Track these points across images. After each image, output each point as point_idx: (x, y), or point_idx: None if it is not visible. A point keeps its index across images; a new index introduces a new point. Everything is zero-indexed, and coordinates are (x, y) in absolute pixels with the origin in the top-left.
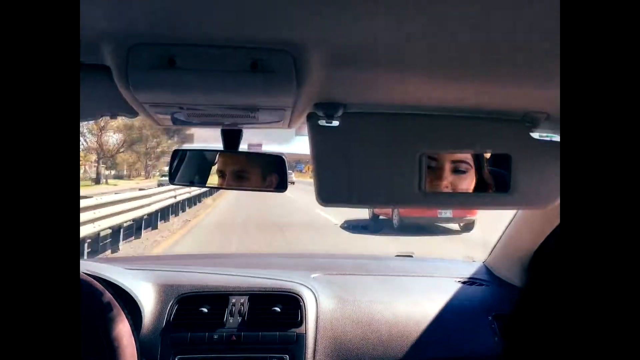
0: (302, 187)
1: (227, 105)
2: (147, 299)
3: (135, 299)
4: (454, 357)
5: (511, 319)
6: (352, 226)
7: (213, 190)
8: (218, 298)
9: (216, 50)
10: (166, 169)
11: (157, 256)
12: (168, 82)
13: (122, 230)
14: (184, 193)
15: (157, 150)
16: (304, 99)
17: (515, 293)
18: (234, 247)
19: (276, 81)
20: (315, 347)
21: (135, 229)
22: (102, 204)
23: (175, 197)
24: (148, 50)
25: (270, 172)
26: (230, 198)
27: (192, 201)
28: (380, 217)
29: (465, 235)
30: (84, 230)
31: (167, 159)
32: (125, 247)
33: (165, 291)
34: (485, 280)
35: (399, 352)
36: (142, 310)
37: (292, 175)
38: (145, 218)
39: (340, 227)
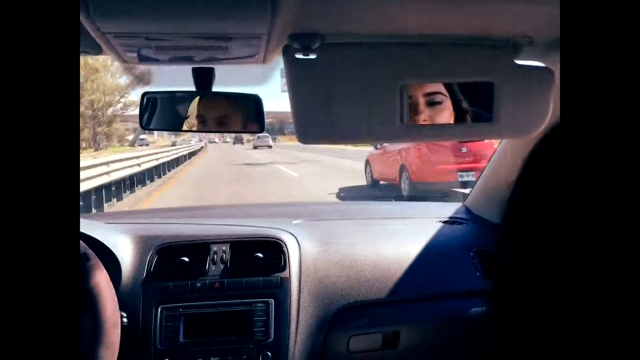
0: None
1: (197, 34)
2: (126, 251)
3: (113, 250)
4: (438, 294)
5: (492, 253)
6: (351, 197)
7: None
8: (198, 247)
9: None
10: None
11: (135, 211)
12: (132, 8)
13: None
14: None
15: (108, 111)
16: (278, 28)
17: (494, 230)
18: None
19: (249, 6)
20: (299, 290)
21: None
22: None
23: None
24: None
25: (247, 113)
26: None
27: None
28: (382, 182)
29: None
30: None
31: (122, 125)
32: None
33: (144, 243)
34: (465, 219)
35: (383, 291)
36: (120, 262)
37: (269, 140)
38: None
39: (337, 197)
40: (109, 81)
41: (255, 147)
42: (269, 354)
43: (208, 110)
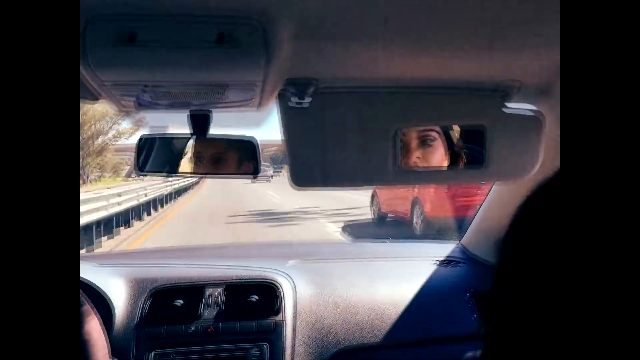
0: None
1: (194, 82)
2: (119, 294)
3: (104, 295)
4: (433, 338)
5: (488, 296)
6: (356, 235)
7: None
8: (192, 290)
9: (179, 23)
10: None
11: (129, 252)
12: (130, 59)
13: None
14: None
15: (98, 140)
16: (273, 75)
17: (490, 271)
18: None
19: (244, 54)
20: (294, 334)
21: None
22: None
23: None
24: (106, 23)
25: (243, 156)
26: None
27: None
28: (389, 216)
29: None
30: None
31: (117, 155)
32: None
33: (138, 286)
34: (461, 259)
35: (378, 334)
36: (113, 306)
37: (269, 170)
38: None
39: (341, 235)
40: (98, 107)
41: (253, 181)
42: None
43: (204, 154)
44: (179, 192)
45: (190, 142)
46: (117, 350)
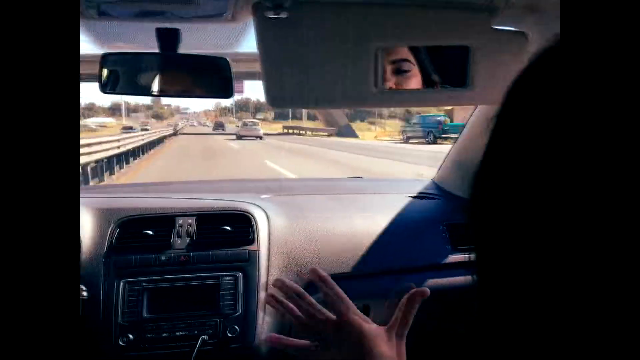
0: None
1: None
2: (85, 223)
3: None
4: (408, 267)
5: (461, 227)
6: None
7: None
8: (163, 220)
9: None
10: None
11: (94, 186)
12: None
13: None
14: None
15: None
16: None
17: (464, 204)
18: None
19: None
20: (268, 264)
21: None
22: None
23: None
24: None
25: (214, 77)
26: None
27: None
28: None
29: None
30: None
31: None
32: None
33: (105, 216)
34: (435, 194)
35: (353, 264)
36: (79, 236)
37: (259, 128)
38: None
39: None
40: None
41: (239, 137)
42: (237, 327)
43: (172, 74)
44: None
45: (158, 60)
46: (85, 279)
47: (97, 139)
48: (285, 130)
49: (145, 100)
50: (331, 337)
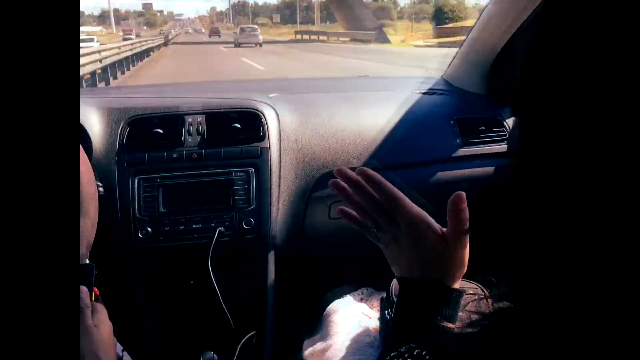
0: None
1: None
2: (94, 123)
3: (81, 122)
4: (419, 161)
5: (471, 121)
6: None
7: None
8: (172, 119)
9: None
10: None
11: (102, 88)
12: None
13: None
14: None
15: None
16: None
17: (475, 99)
18: None
19: None
20: (280, 159)
21: None
22: None
23: None
24: None
25: None
26: None
27: None
28: None
29: None
30: None
31: None
32: None
33: (114, 115)
34: (445, 90)
35: (364, 159)
36: (89, 134)
37: (258, 34)
38: None
39: None
40: None
41: (237, 45)
42: (252, 220)
43: None
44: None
45: None
46: (100, 176)
47: None
48: (299, 37)
49: (137, 5)
50: (394, 232)
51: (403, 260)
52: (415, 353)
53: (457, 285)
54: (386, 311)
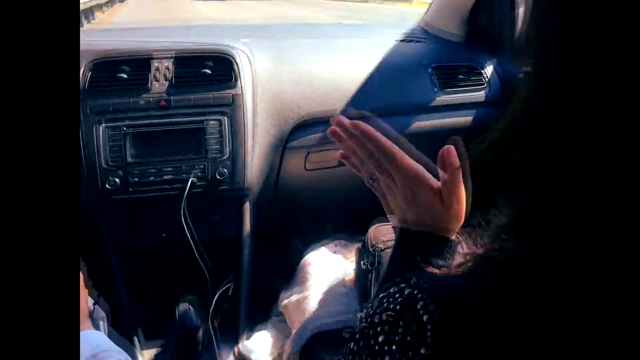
0: None
1: None
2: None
3: None
4: (395, 108)
5: (449, 69)
6: None
7: None
8: (138, 62)
9: None
10: None
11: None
12: None
13: None
14: None
15: None
16: None
17: (453, 47)
18: None
19: None
20: (254, 107)
21: None
22: None
23: None
24: None
25: None
26: None
27: None
28: None
29: None
30: None
31: None
32: None
33: None
34: (422, 37)
35: (340, 106)
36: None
37: None
38: None
39: None
40: None
41: None
42: (225, 170)
43: None
44: None
45: None
46: None
47: None
48: None
49: None
50: (389, 185)
51: (398, 211)
52: (412, 282)
53: (453, 236)
54: (362, 262)
